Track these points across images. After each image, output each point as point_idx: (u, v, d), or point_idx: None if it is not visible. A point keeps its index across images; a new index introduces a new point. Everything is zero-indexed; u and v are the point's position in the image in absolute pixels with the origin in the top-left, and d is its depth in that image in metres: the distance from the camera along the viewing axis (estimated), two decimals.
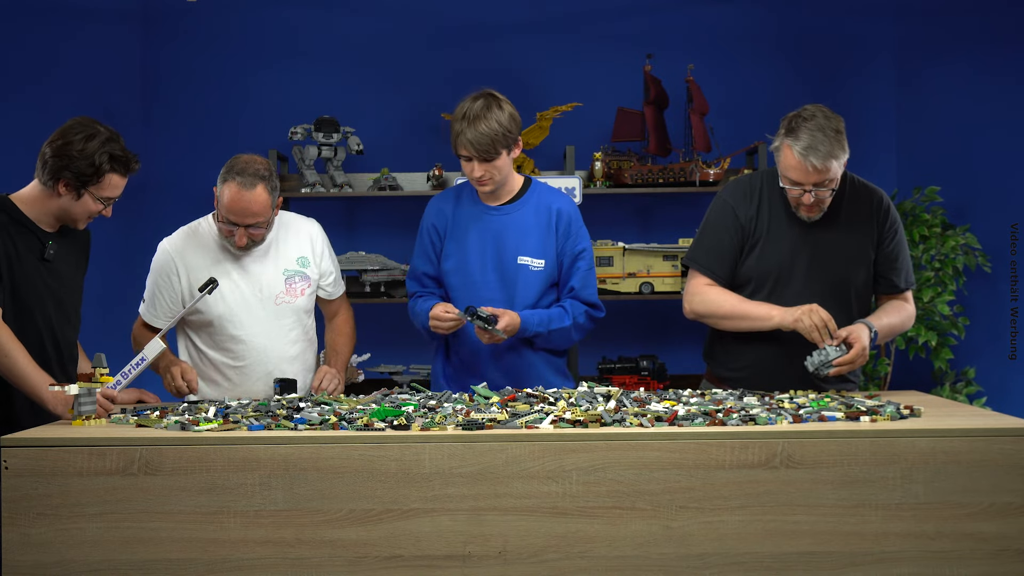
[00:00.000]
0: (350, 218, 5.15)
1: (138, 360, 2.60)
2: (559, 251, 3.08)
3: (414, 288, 3.16)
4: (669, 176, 4.76)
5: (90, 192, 2.69)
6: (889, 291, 3.03)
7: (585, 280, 3.10)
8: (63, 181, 2.67)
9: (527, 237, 3.07)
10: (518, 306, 3.03)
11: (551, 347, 3.11)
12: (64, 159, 2.65)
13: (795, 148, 2.76)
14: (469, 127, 2.92)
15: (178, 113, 5.07)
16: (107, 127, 2.72)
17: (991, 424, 2.35)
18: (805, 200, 2.83)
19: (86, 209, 2.72)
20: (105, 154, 2.67)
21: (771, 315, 2.84)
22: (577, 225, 3.11)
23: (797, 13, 5.07)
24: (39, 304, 2.72)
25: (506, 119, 2.94)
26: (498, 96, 2.99)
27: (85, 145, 2.65)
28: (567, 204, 3.12)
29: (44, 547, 2.23)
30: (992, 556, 2.24)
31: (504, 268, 3.06)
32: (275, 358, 3.08)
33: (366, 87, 5.08)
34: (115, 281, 5.01)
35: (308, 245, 3.15)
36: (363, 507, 2.23)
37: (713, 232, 2.99)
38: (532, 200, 3.11)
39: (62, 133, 2.68)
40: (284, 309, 3.08)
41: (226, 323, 3.04)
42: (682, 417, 2.36)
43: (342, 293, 3.29)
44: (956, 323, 4.67)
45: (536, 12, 5.11)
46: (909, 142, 5.04)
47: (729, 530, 2.24)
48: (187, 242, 3.08)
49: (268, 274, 3.07)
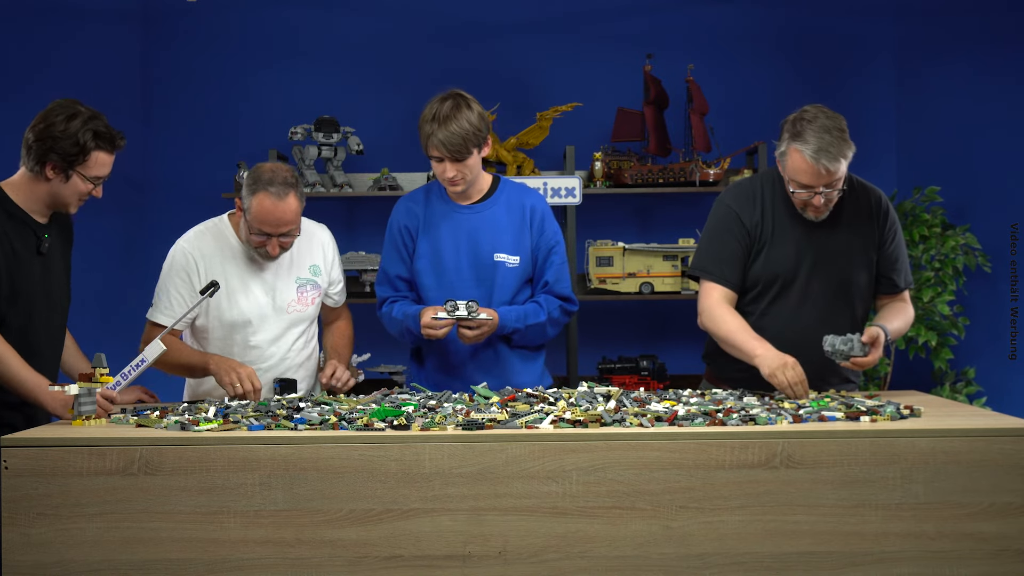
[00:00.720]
0: (350, 218, 5.15)
1: (138, 361, 2.59)
2: (533, 246, 3.09)
3: (387, 293, 3.14)
4: (669, 176, 4.76)
5: (78, 172, 2.68)
6: (890, 291, 3.03)
7: (559, 274, 3.11)
8: (50, 164, 2.65)
9: (502, 234, 3.07)
10: (495, 303, 3.04)
11: (527, 343, 3.11)
12: (48, 141, 2.63)
13: (806, 152, 2.74)
14: (440, 128, 2.93)
15: (178, 113, 5.07)
16: (89, 107, 2.71)
17: (991, 424, 2.34)
18: (815, 202, 2.82)
19: (76, 191, 2.71)
20: (89, 131, 2.66)
21: (755, 354, 2.80)
22: (550, 220, 3.13)
23: (797, 13, 5.07)
24: (32, 299, 2.71)
25: (476, 118, 2.95)
26: (466, 96, 3.00)
27: (67, 125, 2.64)
28: (538, 200, 3.14)
29: (44, 547, 2.23)
30: (992, 556, 2.24)
31: (480, 265, 3.06)
32: (284, 366, 3.09)
33: (366, 87, 5.08)
34: (115, 281, 5.01)
35: (320, 253, 3.15)
36: (363, 507, 2.23)
37: (719, 239, 2.97)
38: (503, 197, 3.12)
39: (43, 116, 2.67)
40: (295, 318, 3.09)
41: (241, 331, 3.03)
42: (682, 417, 2.36)
43: (345, 300, 3.30)
44: (956, 323, 4.67)
45: (536, 12, 5.11)
46: (909, 142, 5.04)
47: (729, 530, 2.24)
48: (207, 241, 3.04)
49: (282, 283, 3.08)
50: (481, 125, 2.97)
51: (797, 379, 2.70)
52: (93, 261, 4.84)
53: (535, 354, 3.17)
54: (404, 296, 3.13)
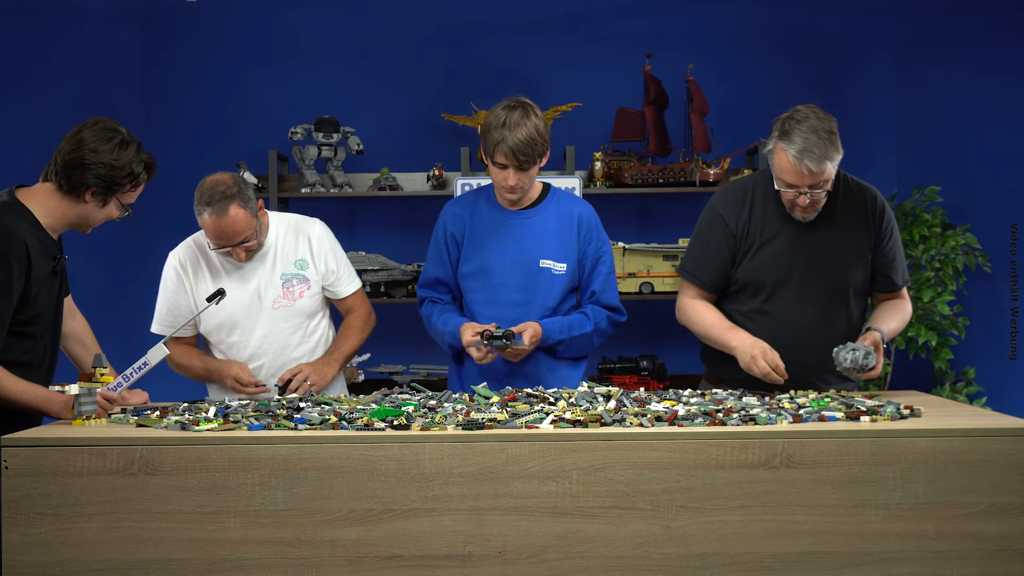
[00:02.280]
0: (350, 218, 5.15)
1: (140, 365, 2.58)
2: (580, 255, 3.08)
3: (426, 294, 3.15)
4: (669, 176, 4.76)
5: (117, 199, 2.68)
6: (887, 288, 3.03)
7: (606, 284, 3.10)
8: (91, 189, 2.64)
9: (549, 241, 3.06)
10: (538, 309, 3.03)
11: (572, 354, 3.10)
12: (96, 167, 2.60)
13: (790, 152, 2.75)
14: (510, 135, 2.89)
15: (178, 113, 5.07)
16: (125, 129, 2.69)
17: (991, 424, 2.34)
18: (800, 202, 2.83)
19: (108, 215, 2.71)
20: (141, 163, 2.67)
21: (731, 346, 2.86)
22: (597, 230, 3.12)
23: (797, 13, 5.07)
24: (44, 321, 2.69)
25: (543, 128, 2.94)
26: (532, 104, 2.98)
27: (120, 154, 2.63)
28: (587, 209, 3.13)
29: (44, 547, 2.23)
30: (992, 556, 2.24)
31: (526, 271, 3.05)
32: (282, 361, 3.10)
33: (366, 87, 5.08)
34: (115, 281, 5.01)
35: (307, 247, 3.16)
36: (363, 507, 2.23)
37: (702, 242, 3.00)
38: (552, 205, 3.11)
39: (83, 139, 2.61)
40: (283, 313, 3.10)
41: (226, 330, 3.10)
42: (682, 417, 2.36)
43: (355, 291, 3.26)
44: (956, 323, 4.67)
45: (536, 12, 5.11)
46: (909, 142, 5.04)
47: (729, 530, 2.24)
48: (189, 254, 3.14)
49: (265, 279, 3.10)
50: (547, 135, 2.97)
51: (772, 364, 2.75)
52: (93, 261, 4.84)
53: (577, 364, 3.16)
54: (442, 298, 3.14)
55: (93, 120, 2.67)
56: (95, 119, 2.68)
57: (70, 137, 2.64)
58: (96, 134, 2.63)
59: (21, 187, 2.70)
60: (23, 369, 2.60)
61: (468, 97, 4.91)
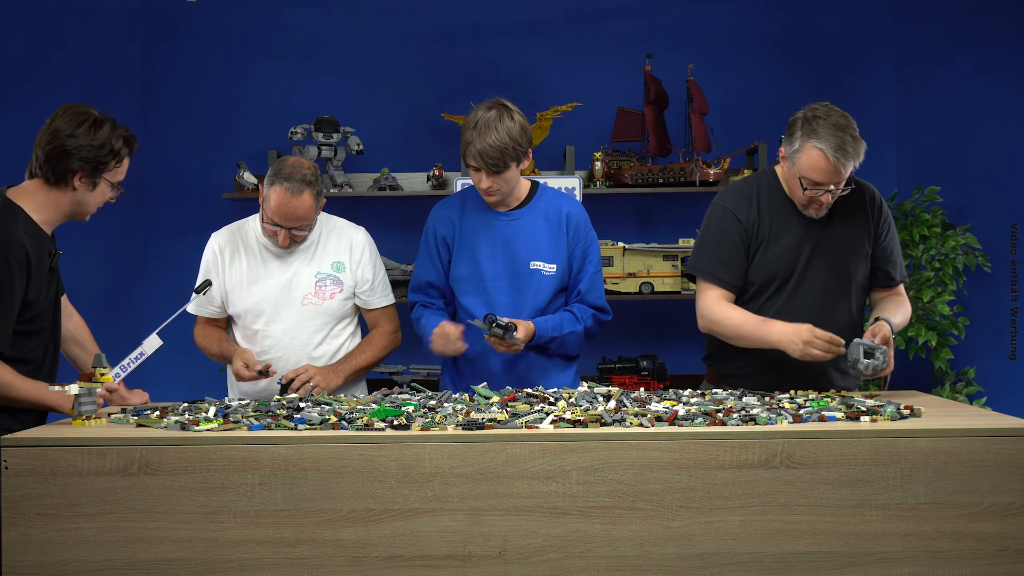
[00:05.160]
0: (350, 218, 5.08)
1: (136, 355, 2.61)
2: (569, 254, 3.08)
3: (417, 298, 3.15)
4: (669, 176, 4.76)
5: (105, 179, 2.68)
6: (886, 284, 3.04)
7: (592, 283, 3.10)
8: (79, 174, 2.64)
9: (539, 242, 3.06)
10: (529, 311, 3.03)
11: (564, 352, 3.10)
12: (76, 151, 2.61)
13: (827, 150, 2.74)
14: (479, 138, 2.89)
15: (178, 113, 5.07)
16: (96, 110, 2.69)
17: (991, 424, 2.34)
18: (825, 199, 2.83)
19: (102, 198, 2.71)
20: (120, 138, 2.68)
21: (771, 340, 2.81)
22: (586, 228, 3.11)
23: (797, 13, 5.07)
24: (45, 314, 2.69)
25: (517, 131, 2.90)
26: (509, 106, 2.95)
27: (97, 134, 2.63)
28: (576, 207, 3.12)
29: (44, 547, 2.23)
30: (992, 556, 2.24)
31: (516, 273, 3.05)
32: (299, 357, 3.11)
33: (366, 87, 5.08)
34: (115, 281, 5.01)
35: (347, 251, 3.17)
36: (363, 507, 2.23)
37: (717, 239, 2.96)
38: (541, 205, 3.10)
39: (58, 127, 2.62)
40: (311, 310, 3.11)
41: (251, 316, 3.13)
42: (682, 417, 2.36)
43: (384, 306, 3.25)
44: (956, 323, 4.67)
45: (536, 12, 5.11)
46: (909, 142, 5.04)
47: (729, 530, 2.24)
48: (229, 238, 3.18)
49: (300, 274, 3.12)
50: (522, 138, 2.92)
51: (826, 344, 2.72)
52: (93, 261, 4.85)
53: (568, 363, 3.16)
54: (433, 302, 3.14)
55: (63, 108, 2.67)
56: (64, 107, 2.68)
57: (45, 129, 2.65)
58: (69, 119, 2.64)
59: (9, 187, 2.70)
60: (26, 366, 2.61)
61: (468, 97, 4.90)
